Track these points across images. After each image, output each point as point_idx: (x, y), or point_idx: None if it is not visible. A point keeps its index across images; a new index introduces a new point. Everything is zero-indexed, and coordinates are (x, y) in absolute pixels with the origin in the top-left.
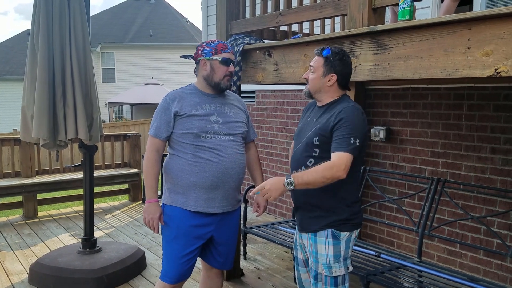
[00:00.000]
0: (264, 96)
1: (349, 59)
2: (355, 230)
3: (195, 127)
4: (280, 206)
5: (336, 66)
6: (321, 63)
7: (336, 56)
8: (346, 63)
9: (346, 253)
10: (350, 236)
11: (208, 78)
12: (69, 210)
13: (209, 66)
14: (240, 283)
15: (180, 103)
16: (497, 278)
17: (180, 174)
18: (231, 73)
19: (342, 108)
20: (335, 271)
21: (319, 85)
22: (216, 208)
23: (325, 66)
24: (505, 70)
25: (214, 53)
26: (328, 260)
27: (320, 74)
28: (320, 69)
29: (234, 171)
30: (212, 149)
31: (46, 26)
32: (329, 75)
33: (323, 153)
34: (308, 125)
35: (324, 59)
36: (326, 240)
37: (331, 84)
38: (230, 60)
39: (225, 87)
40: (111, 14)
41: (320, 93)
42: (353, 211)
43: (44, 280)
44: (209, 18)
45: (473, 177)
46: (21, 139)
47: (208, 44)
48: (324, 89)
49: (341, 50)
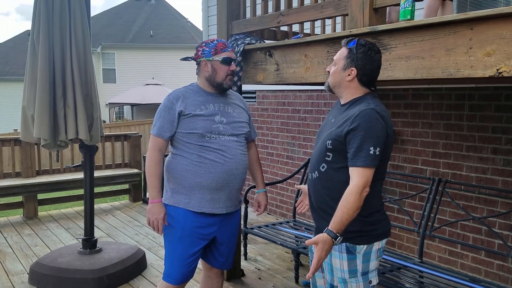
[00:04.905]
0: (265, 97)
1: (376, 54)
2: (377, 241)
3: (200, 127)
4: (281, 207)
5: (358, 60)
6: (343, 55)
7: (361, 49)
8: (371, 58)
9: (365, 267)
10: (369, 249)
11: (210, 79)
12: (70, 210)
13: (210, 67)
14: (240, 284)
15: (184, 102)
16: (498, 279)
17: (184, 174)
18: (233, 72)
19: (359, 110)
20: (351, 286)
21: (338, 79)
22: (220, 209)
23: (346, 58)
24: (507, 70)
25: (214, 53)
26: (343, 275)
27: (340, 67)
28: (341, 62)
29: (238, 171)
30: (217, 150)
31: (47, 26)
32: (349, 69)
33: (337, 159)
34: (327, 125)
35: (348, 51)
36: (340, 255)
37: (351, 79)
38: (231, 59)
39: (228, 87)
40: (111, 14)
41: (339, 88)
42: (370, 222)
43: (44, 280)
44: (209, 19)
45: (474, 178)
46: (22, 139)
47: (207, 44)
48: (343, 84)
49: (369, 43)
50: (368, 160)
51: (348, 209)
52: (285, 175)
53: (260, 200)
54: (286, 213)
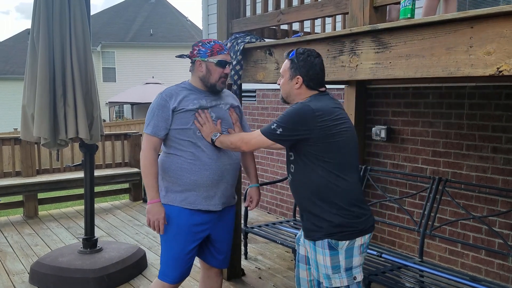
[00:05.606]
0: (265, 95)
1: (316, 59)
2: (360, 237)
3: (193, 123)
4: (281, 206)
5: (301, 68)
6: (287, 66)
7: (301, 57)
8: (312, 63)
9: (348, 263)
10: (352, 244)
11: (204, 79)
12: (70, 210)
13: (204, 67)
14: (241, 283)
15: (178, 99)
16: (499, 278)
17: (179, 173)
18: (226, 75)
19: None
20: (334, 282)
21: (288, 89)
22: (216, 205)
23: (290, 69)
24: (508, 69)
25: (210, 55)
26: (326, 271)
27: (288, 78)
28: (287, 73)
29: (232, 167)
30: (211, 146)
31: (47, 25)
32: (295, 78)
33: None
34: None
35: (290, 62)
36: (323, 251)
37: (299, 86)
38: (226, 62)
39: (220, 90)
40: (111, 13)
41: (291, 97)
42: (351, 216)
43: (44, 280)
44: (209, 17)
45: (474, 177)
46: (22, 138)
47: (204, 45)
48: (293, 92)
49: (307, 51)
50: (266, 130)
51: (229, 136)
52: (284, 174)
53: (252, 194)
54: (286, 212)
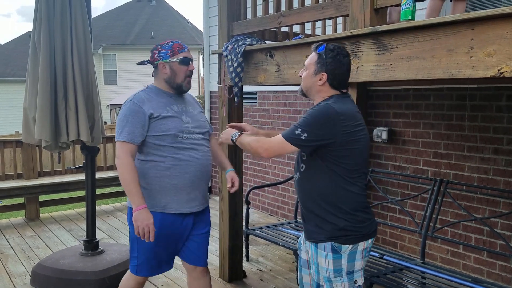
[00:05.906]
0: (266, 97)
1: (345, 58)
2: (363, 241)
3: (173, 128)
4: (283, 208)
5: (328, 65)
6: (314, 60)
7: (330, 53)
8: (340, 62)
9: (350, 267)
10: (355, 248)
11: (169, 81)
12: (71, 212)
13: (168, 68)
14: (242, 285)
15: (151, 104)
16: (501, 279)
17: (159, 179)
18: (191, 72)
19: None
20: (335, 285)
21: (310, 84)
22: (197, 207)
23: (317, 63)
24: (508, 71)
25: (171, 55)
26: (328, 274)
27: (311, 72)
28: (312, 67)
29: (207, 168)
30: (189, 149)
31: (48, 28)
32: (319, 74)
33: (311, 157)
34: None
35: (318, 56)
36: (326, 253)
37: (322, 83)
38: (189, 59)
39: (187, 90)
40: (112, 16)
41: (311, 92)
42: (355, 220)
43: (46, 282)
44: (210, 20)
45: (476, 178)
46: (23, 140)
47: (163, 46)
48: (314, 88)
49: (338, 48)
50: (289, 135)
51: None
52: (286, 176)
53: (233, 176)
54: (288, 214)
